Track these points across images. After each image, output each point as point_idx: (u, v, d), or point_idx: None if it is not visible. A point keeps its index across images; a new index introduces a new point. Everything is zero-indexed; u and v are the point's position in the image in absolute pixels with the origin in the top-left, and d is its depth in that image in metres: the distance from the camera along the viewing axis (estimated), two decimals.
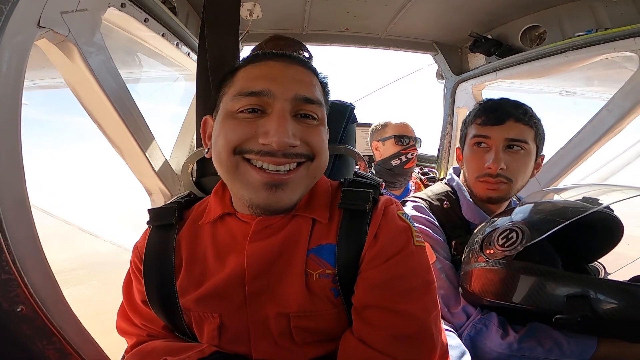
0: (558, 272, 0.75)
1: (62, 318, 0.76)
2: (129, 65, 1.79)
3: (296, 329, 0.59)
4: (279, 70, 0.61)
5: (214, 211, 0.68)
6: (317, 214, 0.64)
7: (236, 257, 0.62)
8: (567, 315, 0.69)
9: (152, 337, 0.69)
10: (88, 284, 2.18)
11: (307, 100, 0.59)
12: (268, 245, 0.62)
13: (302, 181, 0.60)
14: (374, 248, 0.60)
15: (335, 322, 0.61)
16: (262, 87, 0.57)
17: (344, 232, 0.61)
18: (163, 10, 1.40)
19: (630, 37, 1.36)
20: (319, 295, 0.59)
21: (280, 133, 0.55)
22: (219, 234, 0.67)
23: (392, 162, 1.71)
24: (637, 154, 2.68)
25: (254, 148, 0.57)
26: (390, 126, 1.78)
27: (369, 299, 0.58)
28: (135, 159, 1.20)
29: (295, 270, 0.60)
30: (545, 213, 0.80)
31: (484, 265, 0.81)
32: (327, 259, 0.61)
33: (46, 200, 2.28)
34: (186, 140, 1.86)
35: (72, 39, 0.89)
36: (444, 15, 1.98)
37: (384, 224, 0.62)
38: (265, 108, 0.58)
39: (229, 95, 0.61)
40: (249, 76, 0.61)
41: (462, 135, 1.09)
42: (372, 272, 0.59)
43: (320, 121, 0.62)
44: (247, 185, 0.58)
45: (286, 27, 2.17)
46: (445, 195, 1.06)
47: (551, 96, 2.60)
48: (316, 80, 0.65)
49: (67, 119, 2.71)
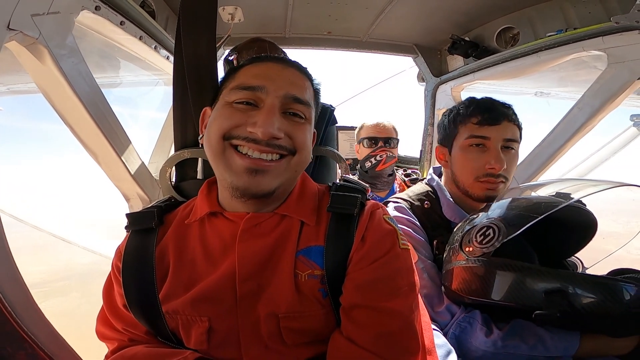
0: (535, 267, 0.76)
1: (34, 324, 0.74)
2: (104, 70, 1.75)
3: (286, 330, 0.60)
4: (276, 70, 0.67)
5: (200, 210, 0.69)
6: (305, 217, 0.66)
7: (226, 259, 0.63)
8: (546, 310, 0.70)
9: (134, 342, 0.67)
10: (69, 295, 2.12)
11: (297, 100, 0.64)
12: (259, 246, 0.63)
13: (283, 173, 0.64)
14: (361, 250, 0.62)
15: (324, 322, 0.62)
16: (258, 83, 0.63)
17: (332, 235, 0.64)
18: (139, 12, 1.37)
19: (598, 36, 1.41)
20: (307, 296, 0.61)
21: (266, 124, 0.60)
22: (207, 235, 0.67)
23: (365, 164, 1.71)
24: (612, 151, 2.79)
25: (241, 134, 0.61)
26: (364, 128, 1.79)
27: (356, 298, 0.60)
28: (110, 163, 1.17)
29: (284, 271, 0.61)
30: (520, 209, 0.81)
31: (464, 263, 0.82)
32: (315, 260, 0.62)
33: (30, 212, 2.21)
34: (166, 145, 1.82)
35: (43, 42, 0.87)
36: (424, 18, 2.02)
37: (370, 227, 0.64)
38: (258, 102, 0.63)
39: (228, 88, 0.67)
40: (249, 73, 0.67)
41: (449, 134, 1.06)
42: (359, 273, 0.61)
43: (307, 120, 0.67)
44: (230, 169, 0.62)
45: (268, 30, 2.16)
46: (425, 195, 1.07)
47: (527, 97, 2.68)
48: (309, 84, 0.70)
49: (45, 126, 2.65)
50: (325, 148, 1.03)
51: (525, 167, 1.64)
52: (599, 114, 1.46)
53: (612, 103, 1.41)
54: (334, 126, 1.24)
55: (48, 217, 2.52)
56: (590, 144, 2.77)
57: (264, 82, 0.63)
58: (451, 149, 1.06)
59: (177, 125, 0.90)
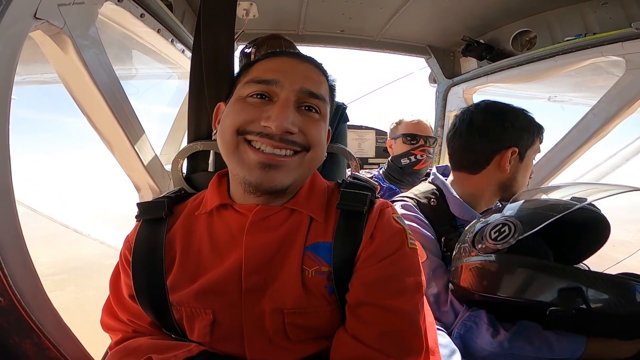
0: (552, 264, 0.76)
1: (42, 312, 0.74)
2: (122, 61, 1.78)
3: (290, 326, 0.60)
4: (291, 65, 0.66)
5: (210, 202, 0.68)
6: (314, 212, 0.66)
7: (233, 251, 0.62)
8: (561, 307, 0.69)
9: (137, 334, 0.67)
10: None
11: (312, 95, 0.63)
12: (267, 240, 0.62)
13: (296, 168, 0.63)
14: (370, 248, 0.61)
15: (329, 319, 0.62)
16: (272, 77, 0.62)
17: (341, 232, 0.63)
18: (159, 6, 1.39)
19: (618, 41, 1.39)
20: (313, 292, 0.60)
21: (280, 118, 0.59)
22: (215, 227, 0.67)
23: (402, 160, 1.70)
24: (624, 157, 2.74)
25: (255, 129, 0.60)
26: (402, 124, 1.76)
27: (363, 296, 0.59)
28: (124, 153, 1.19)
29: (291, 266, 0.61)
30: (537, 208, 0.81)
31: (476, 260, 0.81)
32: (323, 256, 0.62)
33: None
34: (178, 136, 1.84)
35: (67, 32, 0.88)
36: (438, 20, 2.00)
37: (380, 225, 0.64)
38: (272, 96, 0.63)
39: (242, 82, 0.66)
40: (264, 67, 0.66)
41: (526, 143, 1.03)
42: (366, 270, 0.60)
43: (322, 117, 0.66)
44: (243, 164, 0.61)
45: (282, 27, 2.17)
46: (431, 194, 1.07)
47: (540, 102, 2.65)
48: (324, 80, 0.69)
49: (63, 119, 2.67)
50: (337, 145, 1.04)
51: (537, 171, 1.62)
52: (615, 120, 1.44)
53: (628, 109, 1.39)
54: (345, 124, 1.25)
55: (62, 208, 2.57)
56: (603, 150, 2.72)
57: (279, 76, 0.62)
58: (524, 157, 1.03)
59: (192, 117, 0.91)
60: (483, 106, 1.06)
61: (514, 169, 1.02)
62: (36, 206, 2.28)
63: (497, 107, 1.06)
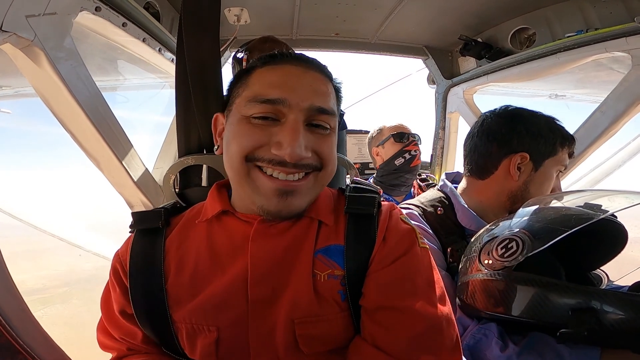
0: (561, 283, 0.71)
1: (30, 335, 0.72)
2: (107, 72, 1.73)
3: (302, 337, 0.56)
4: (296, 77, 0.61)
5: (211, 209, 0.65)
6: (323, 216, 0.64)
7: (236, 261, 0.59)
8: (572, 329, 0.65)
9: (132, 352, 0.64)
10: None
11: (322, 111, 0.60)
12: (273, 246, 0.60)
13: (311, 189, 0.61)
14: (383, 250, 0.60)
15: (342, 327, 0.59)
16: (278, 96, 0.57)
17: (352, 235, 0.61)
18: (143, 14, 1.34)
19: (622, 36, 1.35)
20: (326, 297, 0.58)
21: (293, 146, 0.55)
22: (215, 236, 0.63)
23: (396, 161, 1.66)
24: (629, 155, 2.69)
25: (265, 156, 0.57)
26: (385, 129, 1.76)
27: (380, 299, 0.57)
28: (112, 170, 1.14)
29: (302, 271, 0.58)
30: (547, 221, 0.76)
31: (482, 277, 0.77)
32: (335, 259, 0.60)
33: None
34: (171, 149, 1.79)
35: (39, 44, 0.84)
36: (434, 19, 1.97)
37: (391, 227, 0.63)
38: (279, 116, 0.58)
39: (243, 98, 0.61)
40: (265, 81, 0.60)
41: (544, 152, 0.95)
42: (380, 272, 0.59)
43: (332, 130, 0.63)
44: (258, 192, 0.58)
45: (275, 32, 2.12)
46: (439, 202, 1.03)
47: (541, 99, 2.61)
48: (331, 87, 0.65)
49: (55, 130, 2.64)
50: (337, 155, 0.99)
51: None
52: (623, 118, 1.40)
53: (638, 106, 1.34)
54: (343, 131, 1.21)
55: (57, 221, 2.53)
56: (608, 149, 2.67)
57: (285, 94, 0.57)
58: (539, 166, 0.96)
59: (181, 130, 0.87)
60: (500, 110, 1.02)
61: (525, 177, 0.96)
62: (36, 222, 2.25)
63: (513, 111, 1.01)
